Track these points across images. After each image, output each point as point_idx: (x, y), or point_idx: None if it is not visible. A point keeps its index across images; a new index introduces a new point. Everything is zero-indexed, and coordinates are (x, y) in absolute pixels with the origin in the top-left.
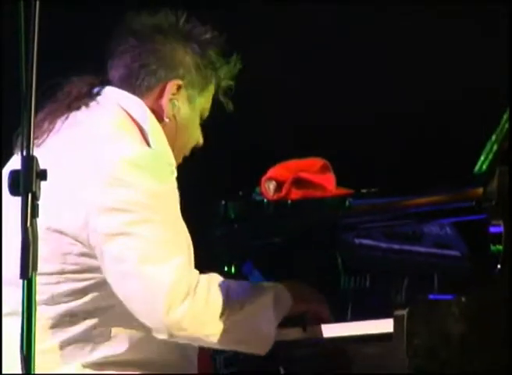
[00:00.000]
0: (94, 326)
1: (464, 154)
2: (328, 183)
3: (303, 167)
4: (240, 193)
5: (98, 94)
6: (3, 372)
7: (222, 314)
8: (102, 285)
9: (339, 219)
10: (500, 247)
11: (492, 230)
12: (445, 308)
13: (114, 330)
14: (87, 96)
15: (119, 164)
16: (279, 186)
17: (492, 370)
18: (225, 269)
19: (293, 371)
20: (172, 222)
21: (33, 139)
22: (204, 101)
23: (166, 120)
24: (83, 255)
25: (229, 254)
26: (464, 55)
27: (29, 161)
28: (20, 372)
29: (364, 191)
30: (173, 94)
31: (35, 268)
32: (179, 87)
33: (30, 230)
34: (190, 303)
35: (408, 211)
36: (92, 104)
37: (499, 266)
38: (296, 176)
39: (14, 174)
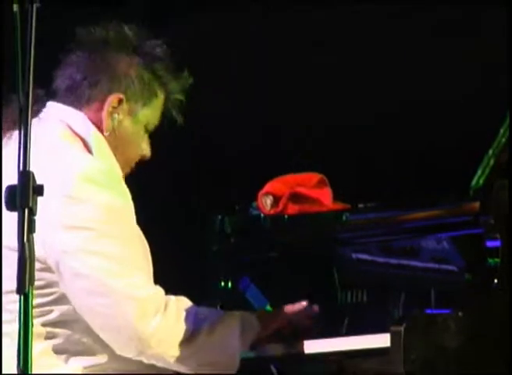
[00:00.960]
0: (67, 337)
1: (460, 168)
2: (325, 197)
3: (300, 182)
4: (236, 207)
5: (40, 110)
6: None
7: (190, 336)
8: (65, 299)
9: (336, 234)
10: (497, 261)
11: (489, 244)
12: (442, 322)
13: (88, 341)
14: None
15: (73, 181)
16: (276, 201)
17: None
18: (222, 284)
19: None
20: (130, 235)
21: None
22: (150, 114)
23: (106, 133)
24: (43, 270)
25: (225, 269)
26: (462, 63)
27: (25, 176)
28: None
29: (361, 205)
30: (114, 108)
31: (32, 283)
32: (120, 101)
33: (26, 245)
34: (160, 320)
35: (405, 225)
36: (34, 121)
37: (496, 281)
38: (293, 191)
39: (11, 189)
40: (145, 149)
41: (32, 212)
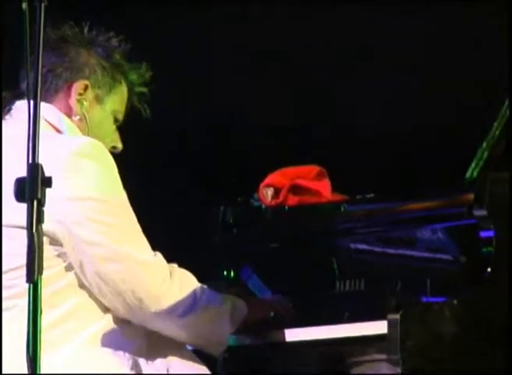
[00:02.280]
0: (79, 305)
1: (455, 161)
2: (324, 189)
3: (299, 174)
4: (238, 199)
5: (10, 109)
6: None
7: (189, 307)
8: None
9: (335, 225)
10: (491, 250)
11: (483, 234)
12: (437, 310)
13: (92, 307)
14: (8, 111)
15: (68, 157)
16: (277, 192)
17: (484, 370)
18: (224, 273)
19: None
20: (126, 202)
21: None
22: (116, 103)
23: (76, 118)
24: (50, 243)
25: (227, 259)
26: (456, 59)
27: (34, 169)
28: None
29: (359, 196)
30: (80, 94)
31: (40, 271)
32: (86, 87)
33: (35, 235)
34: (168, 285)
35: (402, 216)
36: (7, 117)
37: (489, 269)
38: (293, 183)
39: (20, 182)
40: (115, 140)
41: (40, 204)
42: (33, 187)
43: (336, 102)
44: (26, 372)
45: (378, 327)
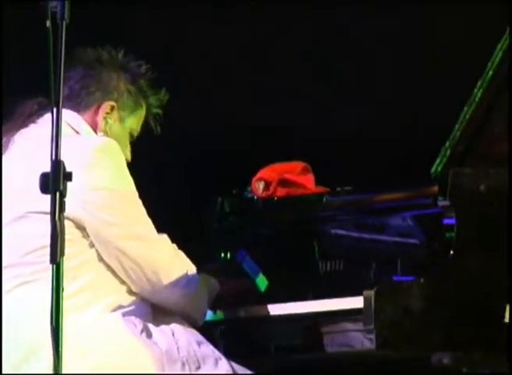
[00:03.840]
0: (97, 278)
1: (421, 158)
2: (309, 182)
3: (287, 169)
4: (234, 191)
5: (44, 113)
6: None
7: (186, 283)
8: (91, 247)
9: (318, 213)
10: (453, 235)
11: (446, 221)
12: (406, 288)
13: (117, 282)
14: (35, 115)
15: (90, 152)
16: (267, 185)
17: (447, 343)
18: (222, 255)
19: (280, 343)
20: (136, 193)
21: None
22: (134, 123)
23: (99, 134)
24: (75, 227)
25: (224, 243)
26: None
27: (57, 164)
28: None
29: (338, 189)
30: (107, 113)
31: (62, 253)
32: (112, 108)
33: (58, 222)
34: (175, 259)
35: (375, 206)
36: (39, 120)
37: (452, 252)
38: (282, 177)
39: (44, 176)
40: (127, 155)
41: (62, 195)
42: (55, 181)
43: (321, 105)
44: (47, 338)
45: (355, 302)
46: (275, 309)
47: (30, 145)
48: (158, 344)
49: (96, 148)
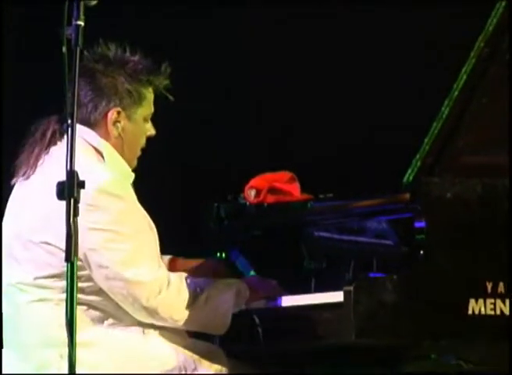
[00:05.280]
0: (101, 301)
1: (395, 168)
2: (295, 190)
3: (276, 178)
4: (228, 198)
5: (63, 132)
6: None
7: (189, 305)
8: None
9: (303, 218)
10: (423, 237)
11: (417, 224)
12: (381, 283)
13: (110, 306)
14: (58, 133)
15: (93, 193)
16: (258, 192)
17: (418, 333)
18: (218, 255)
19: (270, 334)
20: (140, 230)
21: (23, 174)
22: (144, 110)
23: (113, 140)
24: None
25: (220, 244)
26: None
27: (72, 174)
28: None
29: (321, 196)
30: (115, 119)
31: (76, 253)
32: (118, 113)
33: (72, 225)
34: (164, 295)
35: (354, 211)
36: (63, 139)
37: (421, 252)
38: (271, 185)
39: (60, 184)
40: (149, 130)
41: (76, 201)
42: (71, 189)
43: (307, 126)
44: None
45: (336, 296)
46: (266, 304)
47: (55, 169)
48: (157, 351)
49: (99, 188)
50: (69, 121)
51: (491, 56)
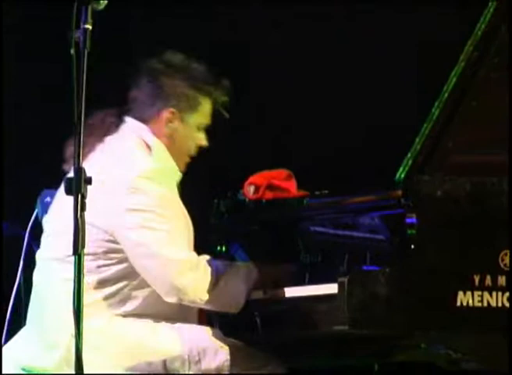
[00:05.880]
0: (120, 289)
1: (387, 166)
2: (292, 187)
3: (274, 176)
4: (228, 194)
5: (121, 123)
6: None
7: (213, 285)
8: (123, 262)
9: (300, 213)
10: (414, 232)
11: (408, 220)
12: (374, 276)
13: (134, 293)
14: (115, 124)
15: (135, 178)
16: (257, 189)
17: (408, 322)
18: (218, 248)
19: (268, 324)
20: (175, 215)
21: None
22: (199, 118)
23: (164, 139)
24: (109, 241)
25: (221, 238)
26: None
27: (79, 171)
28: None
29: (317, 192)
30: (168, 119)
31: (83, 246)
32: (172, 113)
33: (80, 220)
34: (193, 275)
35: (348, 207)
36: (119, 130)
37: (412, 246)
38: (269, 182)
39: (68, 180)
40: (201, 140)
41: (83, 197)
42: (78, 185)
43: (302, 118)
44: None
45: (331, 288)
46: (258, 294)
47: (109, 154)
48: (165, 341)
49: (140, 174)
50: (77, 119)
51: (480, 60)
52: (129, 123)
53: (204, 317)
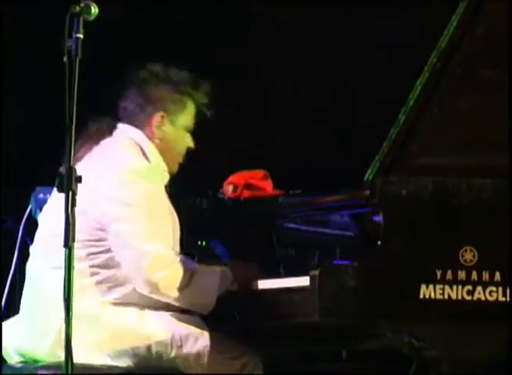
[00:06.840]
0: (108, 277)
1: (357, 167)
2: (268, 186)
3: (251, 176)
4: (209, 192)
5: (114, 129)
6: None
7: (185, 285)
8: (111, 251)
9: (275, 211)
10: (380, 230)
11: (375, 218)
12: (344, 270)
13: (122, 281)
14: (107, 131)
15: (124, 172)
16: (235, 188)
17: (374, 312)
18: (199, 243)
19: (245, 313)
20: (160, 214)
21: (75, 156)
22: (185, 119)
23: (156, 141)
24: (99, 229)
25: (201, 233)
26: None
27: (70, 170)
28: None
29: (291, 192)
30: (159, 122)
31: (73, 239)
32: (162, 117)
33: (70, 215)
34: (166, 273)
35: (320, 205)
36: (113, 134)
37: (379, 243)
38: (247, 182)
39: (60, 178)
40: (189, 142)
41: (74, 193)
42: (69, 183)
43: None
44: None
45: (303, 281)
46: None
47: (101, 155)
48: (147, 328)
49: (129, 169)
50: (68, 122)
51: (442, 70)
52: (122, 128)
53: None
